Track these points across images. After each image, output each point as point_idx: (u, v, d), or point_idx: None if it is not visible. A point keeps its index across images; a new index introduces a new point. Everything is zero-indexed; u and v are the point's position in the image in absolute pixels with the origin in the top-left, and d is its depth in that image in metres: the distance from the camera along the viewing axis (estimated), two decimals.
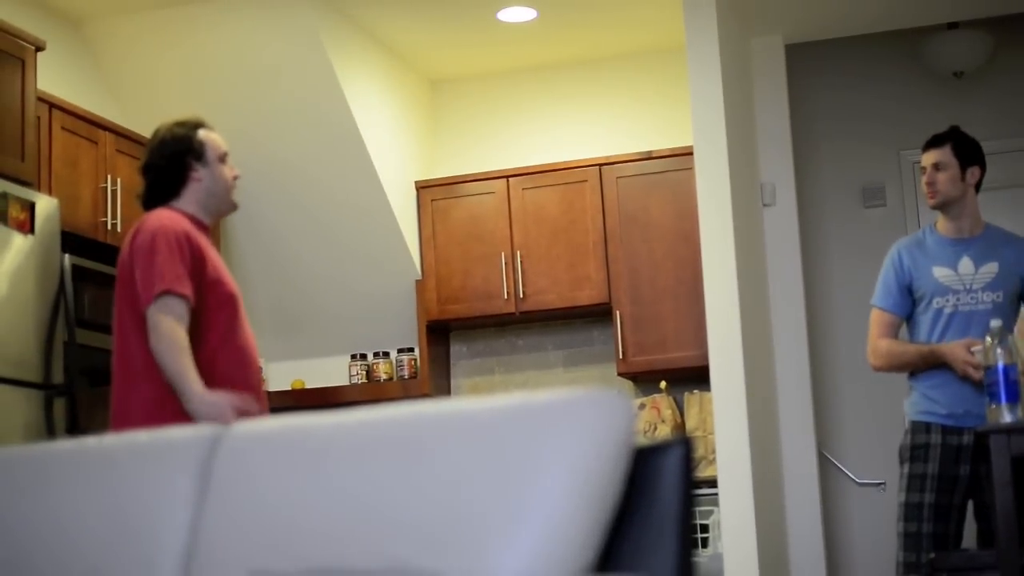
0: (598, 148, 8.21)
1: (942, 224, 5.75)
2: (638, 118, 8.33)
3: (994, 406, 4.59)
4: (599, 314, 8.02)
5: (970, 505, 5.60)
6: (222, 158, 4.99)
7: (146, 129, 7.23)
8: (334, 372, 8.31)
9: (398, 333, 8.22)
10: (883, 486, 8.00)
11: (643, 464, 2.30)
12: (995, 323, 4.79)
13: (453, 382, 8.38)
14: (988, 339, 4.69)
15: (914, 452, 5.55)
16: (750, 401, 6.89)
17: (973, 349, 5.33)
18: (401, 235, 7.94)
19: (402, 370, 8.18)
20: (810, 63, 8.60)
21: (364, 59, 7.83)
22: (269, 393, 8.17)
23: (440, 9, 7.59)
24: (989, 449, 5.30)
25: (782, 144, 7.96)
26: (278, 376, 8.33)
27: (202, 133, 4.96)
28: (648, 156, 7.90)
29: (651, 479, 2.29)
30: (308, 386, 8.29)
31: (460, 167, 8.42)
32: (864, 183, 8.58)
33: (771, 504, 7.26)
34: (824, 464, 8.06)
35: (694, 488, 2.32)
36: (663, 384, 7.80)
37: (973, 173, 5.72)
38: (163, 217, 4.76)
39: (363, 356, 8.22)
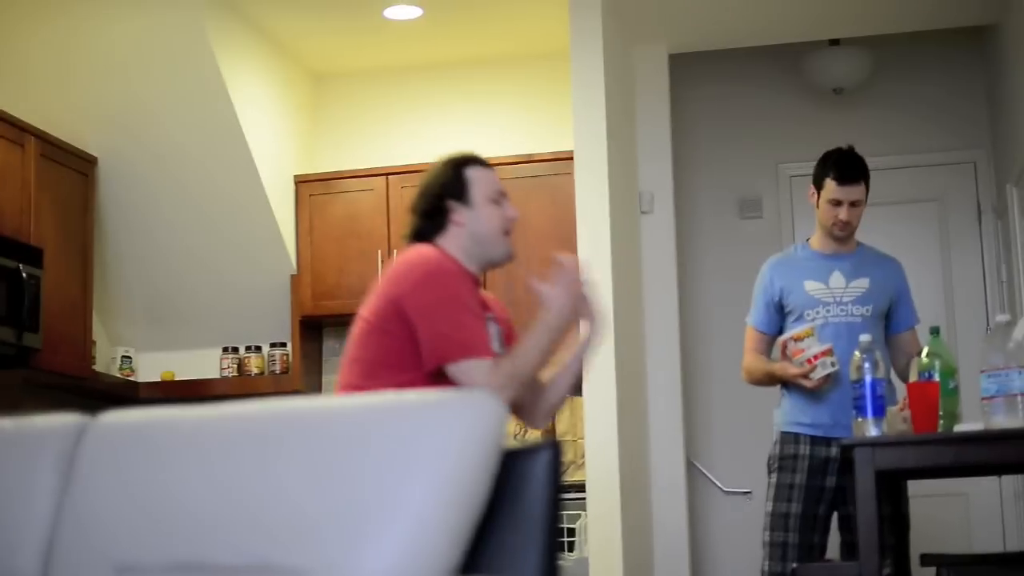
0: (479, 149, 8.16)
1: (817, 241, 5.82)
2: (520, 121, 8.34)
3: (860, 419, 4.64)
4: None
5: (835, 517, 5.67)
6: (495, 198, 4.42)
7: (23, 113, 7.17)
8: (205, 365, 8.23)
9: (271, 328, 8.17)
10: (749, 495, 8.08)
11: (512, 467, 2.30)
12: (864, 338, 4.85)
13: (325, 379, 8.33)
14: (857, 353, 4.75)
15: (782, 462, 5.62)
16: (620, 407, 6.92)
17: (788, 338, 5.45)
18: (277, 229, 7.89)
19: (274, 365, 8.12)
20: (693, 74, 8.66)
21: (248, 50, 7.76)
22: (138, 384, 8.10)
23: (326, 4, 7.56)
24: (852, 461, 5.41)
25: (662, 153, 8.01)
26: (148, 367, 8.24)
27: (470, 171, 4.43)
28: (528, 159, 7.91)
29: (519, 482, 2.29)
30: (178, 378, 8.20)
31: (341, 163, 8.38)
32: (742, 195, 8.66)
33: (638, 510, 7.30)
34: (692, 472, 8.12)
35: (562, 492, 2.33)
36: None
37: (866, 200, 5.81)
38: (435, 256, 4.26)
39: (235, 349, 8.15)
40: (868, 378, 4.65)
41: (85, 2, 7.28)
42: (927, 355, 4.70)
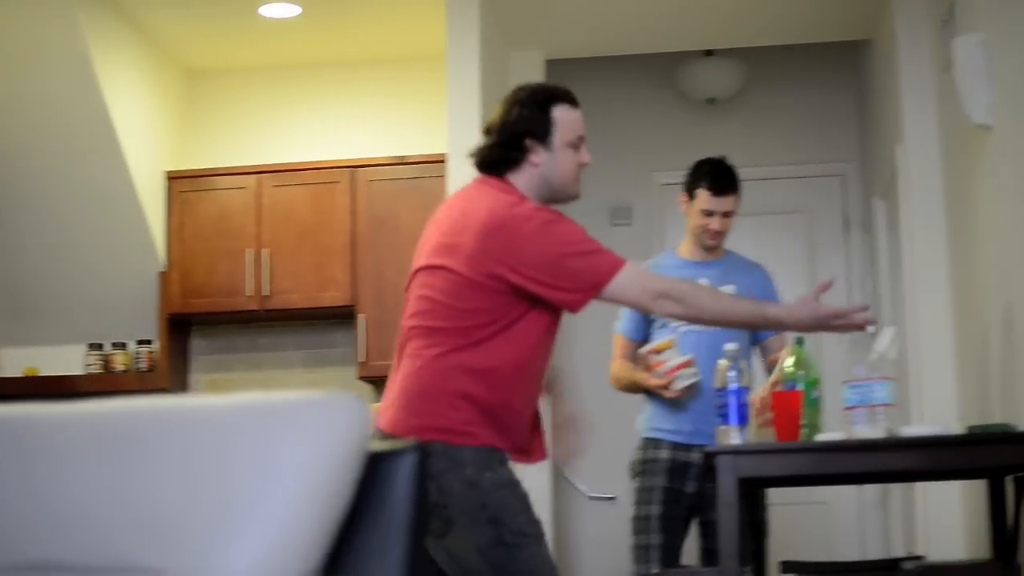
0: (352, 150, 8.19)
1: (686, 248, 5.87)
2: (394, 122, 8.33)
3: (723, 427, 4.69)
4: (343, 316, 7.98)
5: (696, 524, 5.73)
6: (574, 143, 4.34)
7: None
8: (70, 361, 8.12)
9: (138, 325, 8.08)
10: (614, 500, 8.12)
11: (376, 468, 2.29)
12: (730, 346, 4.90)
13: (192, 377, 8.27)
14: (722, 362, 4.79)
15: (644, 466, 5.68)
16: None
17: (648, 350, 5.50)
18: (147, 225, 7.81)
19: (140, 362, 8.03)
20: (569, 80, 8.60)
21: (121, 44, 7.67)
22: (0, 379, 7.98)
23: (202, 1, 7.49)
24: (715, 469, 5.46)
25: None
26: (10, 363, 8.11)
27: (556, 112, 4.31)
28: (401, 161, 7.90)
29: (383, 484, 2.28)
30: (42, 374, 8.09)
31: (213, 160, 8.31)
32: (613, 202, 8.71)
33: None
34: (556, 477, 8.14)
35: (426, 495, 2.32)
36: None
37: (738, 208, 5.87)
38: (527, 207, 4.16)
39: (100, 346, 8.05)
40: (732, 386, 4.69)
41: None
42: (791, 365, 4.75)
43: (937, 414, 6.52)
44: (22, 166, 7.61)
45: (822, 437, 4.55)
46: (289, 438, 2.17)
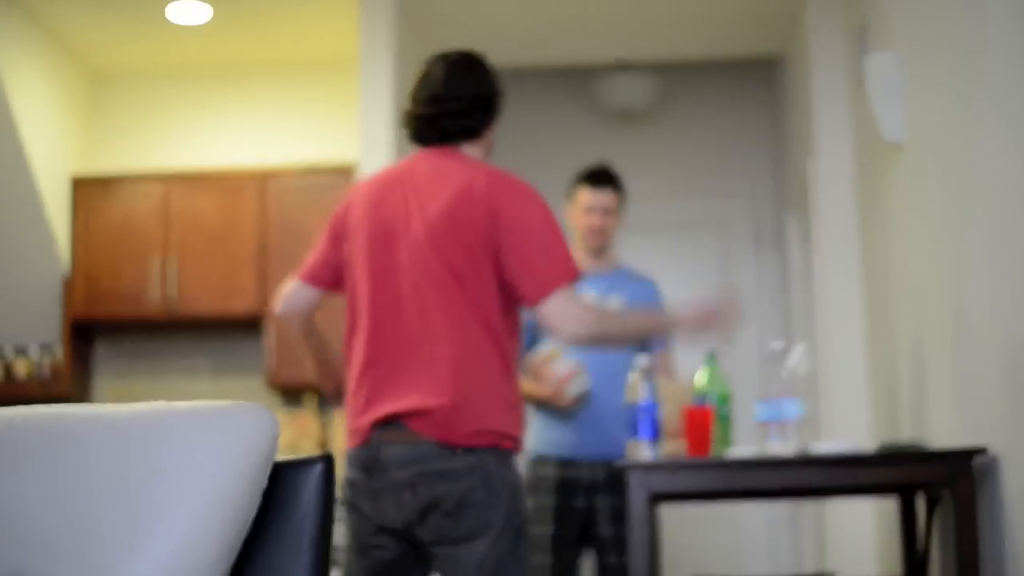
0: (261, 156, 8.12)
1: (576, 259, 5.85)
2: (304, 129, 8.26)
3: (634, 442, 4.66)
4: (251, 325, 7.91)
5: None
6: None
7: None
8: None
9: (41, 331, 7.96)
10: None
11: (283, 480, 2.25)
12: (642, 360, 4.87)
13: (95, 385, 8.15)
14: (633, 374, 4.77)
15: (532, 484, 5.65)
16: None
17: (535, 361, 5.50)
18: (51, 230, 7.70)
19: (43, 370, 7.91)
20: None
21: (24, 45, 7.56)
22: None
23: (108, 0, 7.40)
24: (613, 482, 5.45)
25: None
26: None
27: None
28: (311, 170, 7.83)
29: (290, 495, 2.25)
30: None
31: (120, 165, 8.21)
32: None
33: None
34: None
35: (334, 506, 2.28)
36: (311, 399, 7.74)
37: (625, 212, 5.86)
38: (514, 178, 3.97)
39: (0, 351, 7.92)
40: (645, 401, 4.67)
41: None
42: (703, 380, 4.74)
43: (848, 431, 6.56)
44: None
45: (733, 452, 4.53)
46: (195, 448, 2.13)
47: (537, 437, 5.70)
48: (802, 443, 4.43)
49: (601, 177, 5.83)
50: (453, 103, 4.06)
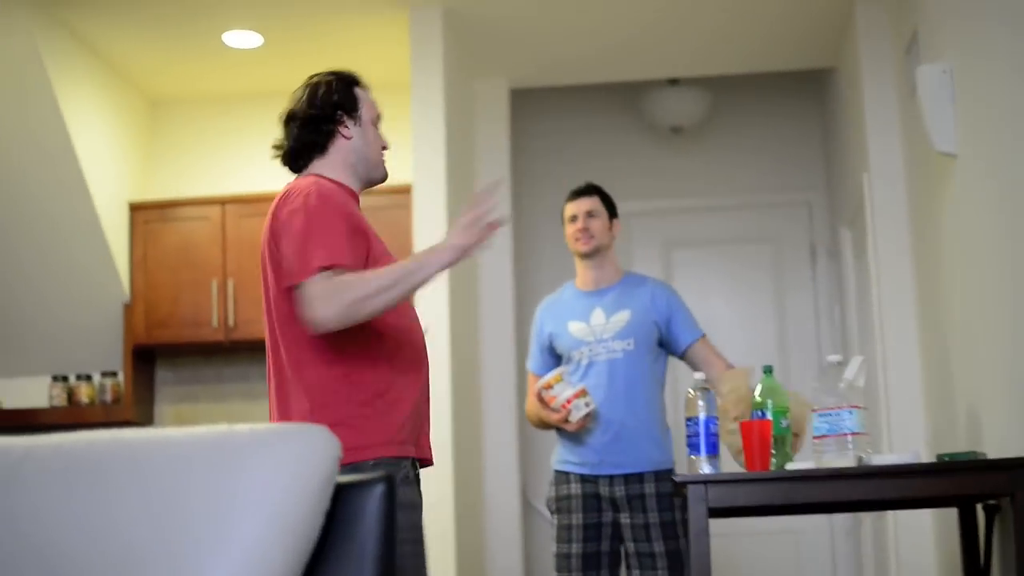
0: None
1: (581, 278, 5.88)
2: None
3: (693, 457, 4.67)
4: None
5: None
6: (375, 122, 4.33)
7: None
8: (33, 393, 8.06)
9: (103, 356, 8.03)
10: None
11: (345, 501, 2.27)
12: (698, 376, 4.88)
13: (157, 409, 8.21)
14: (691, 391, 4.77)
15: (559, 503, 5.67)
16: (455, 443, 6.91)
17: (540, 387, 5.53)
18: (110, 256, 7.75)
19: (105, 394, 7.97)
20: (534, 108, 8.70)
21: (83, 73, 7.63)
22: None
23: (163, 28, 7.46)
24: (632, 499, 5.46)
25: (502, 187, 8.02)
26: None
27: (358, 90, 4.31)
28: (365, 192, 7.85)
29: (352, 515, 2.26)
30: (6, 407, 8.02)
31: (177, 190, 8.27)
32: None
33: (472, 547, 7.28)
34: (527, 509, 8.12)
35: (396, 526, 2.30)
36: None
37: (616, 225, 5.90)
38: (312, 183, 4.03)
39: (65, 378, 7.99)
40: (702, 416, 4.68)
41: None
42: (760, 393, 4.74)
43: (906, 442, 6.53)
44: None
45: (792, 466, 4.53)
46: (257, 470, 2.15)
47: (559, 453, 5.73)
48: (860, 455, 4.43)
49: (579, 189, 5.92)
50: (286, 127, 4.28)
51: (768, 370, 4.81)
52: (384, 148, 4.35)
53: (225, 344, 7.89)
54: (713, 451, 4.64)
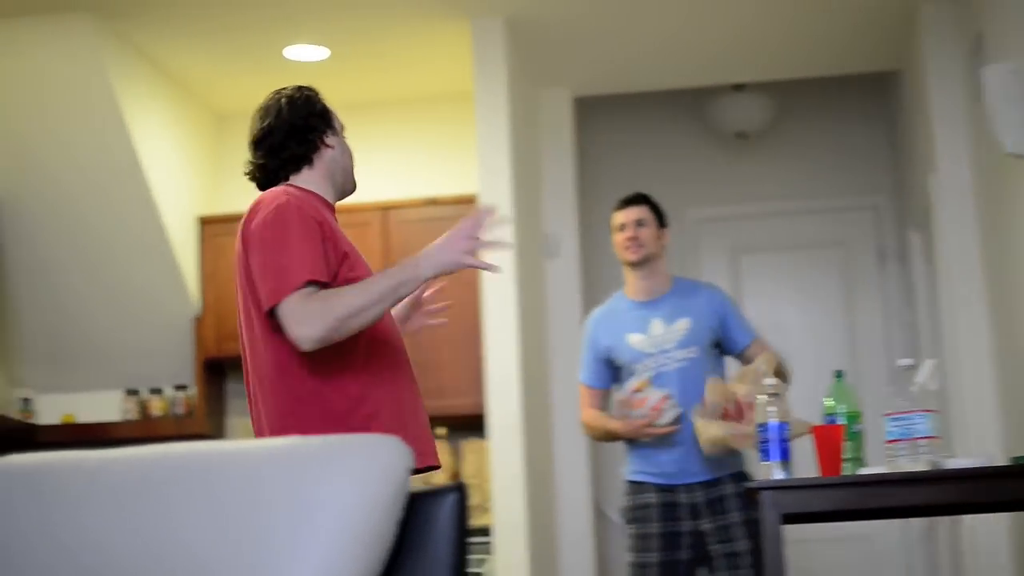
0: (383, 191, 8.18)
1: (632, 287, 5.86)
2: (424, 163, 8.32)
3: (765, 463, 4.65)
4: None
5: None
6: (343, 130, 4.34)
7: None
8: (106, 407, 8.11)
9: (174, 370, 8.07)
10: None
11: (418, 510, 2.27)
12: (770, 381, 4.86)
13: (228, 421, 8.25)
14: (760, 397, 4.76)
15: (635, 512, 5.66)
16: (527, 451, 6.91)
17: (628, 393, 5.51)
18: (179, 270, 7.80)
19: (177, 408, 8.03)
20: (598, 117, 8.69)
21: (149, 89, 7.68)
22: (37, 427, 7.97)
23: (228, 43, 7.51)
24: (711, 503, 5.45)
25: (567, 196, 8.04)
26: (48, 410, 8.10)
27: (324, 102, 4.30)
28: (432, 202, 7.89)
29: (425, 525, 2.27)
30: (79, 421, 8.08)
31: (245, 203, 8.25)
32: None
33: (545, 554, 7.27)
34: (599, 514, 8.11)
35: (468, 535, 2.30)
36: (441, 431, 7.77)
37: (665, 234, 5.89)
38: (282, 193, 3.99)
39: (137, 392, 8.05)
40: (772, 422, 4.66)
41: None
42: (832, 398, 4.72)
43: (980, 445, 6.48)
44: (55, 214, 7.61)
45: (865, 471, 4.50)
46: (330, 480, 2.16)
47: (633, 463, 5.72)
48: (934, 459, 4.40)
49: (627, 198, 5.94)
50: (255, 151, 4.29)
51: (839, 375, 4.79)
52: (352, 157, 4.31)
53: None
54: (785, 457, 4.62)
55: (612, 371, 5.80)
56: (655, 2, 7.15)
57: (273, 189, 4.09)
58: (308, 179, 4.17)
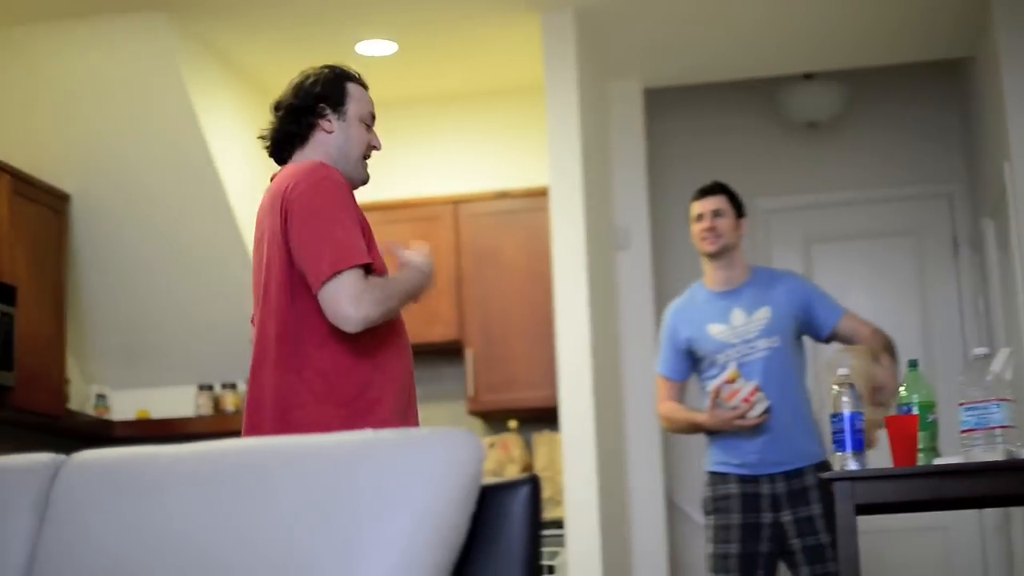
0: (454, 185, 8.20)
1: (711, 277, 5.85)
2: (495, 156, 8.33)
3: (839, 454, 4.63)
4: (450, 352, 7.97)
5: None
6: (367, 120, 4.29)
7: None
8: (180, 402, 8.17)
9: (247, 364, 8.09)
10: None
11: (491, 503, 2.28)
12: (842, 372, 4.83)
13: None
14: (835, 388, 4.73)
15: (716, 503, 5.64)
16: (599, 443, 6.91)
17: (721, 383, 5.49)
18: (251, 265, 7.82)
19: None
20: (668, 108, 8.67)
21: (221, 86, 7.73)
22: (113, 423, 8.03)
23: (298, 38, 7.54)
24: (793, 495, 5.42)
25: (637, 187, 8.02)
26: (123, 405, 8.17)
27: (351, 85, 4.30)
28: (503, 195, 7.90)
29: (498, 518, 2.27)
30: (153, 416, 8.14)
31: None
32: None
33: (618, 546, 7.27)
34: (671, 507, 8.09)
35: (541, 528, 2.30)
36: (513, 423, 7.79)
37: (743, 224, 5.87)
38: (320, 166, 4.04)
39: (210, 387, 8.10)
40: (847, 412, 4.63)
41: (57, 38, 7.24)
42: (906, 388, 4.69)
43: None
44: (128, 211, 7.67)
45: (940, 461, 4.47)
46: (404, 475, 2.17)
47: (715, 454, 5.70)
48: (1009, 449, 4.36)
49: (704, 188, 5.91)
50: (278, 110, 4.29)
51: (913, 364, 4.76)
52: (374, 148, 4.33)
53: None
54: (859, 447, 4.59)
55: (691, 363, 5.80)
56: None
57: (308, 163, 4.09)
58: (314, 154, 4.19)
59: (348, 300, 3.78)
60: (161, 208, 7.69)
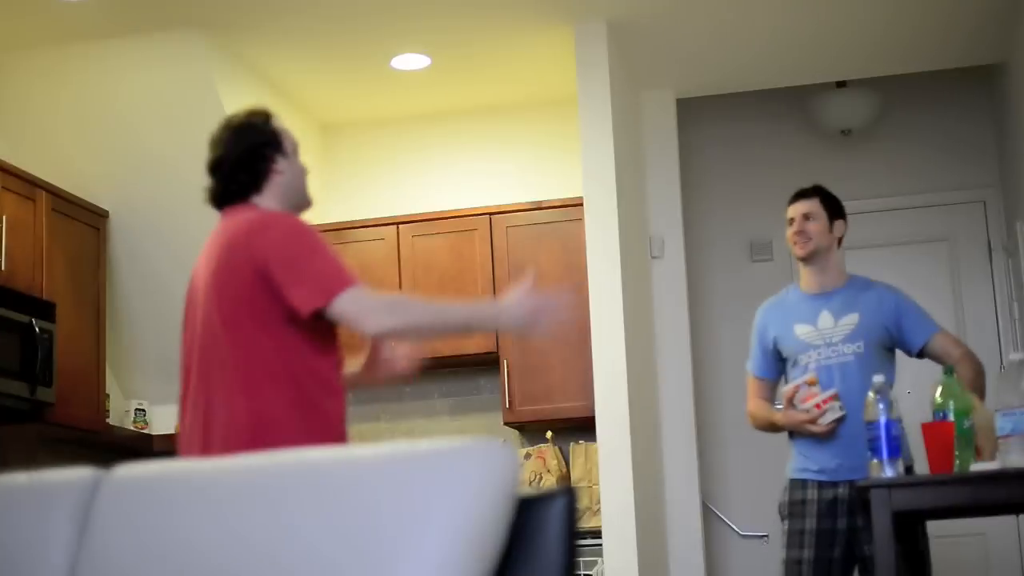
0: (488, 197, 8.22)
1: (805, 280, 5.80)
2: (528, 168, 8.36)
3: (875, 461, 4.63)
4: (486, 363, 7.99)
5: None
6: (296, 150, 4.45)
7: (35, 167, 7.20)
8: None
9: None
10: (766, 538, 8.05)
11: (527, 514, 2.29)
12: (877, 378, 4.83)
13: None
14: (871, 394, 4.73)
15: (792, 508, 5.60)
16: (635, 452, 6.92)
17: (799, 384, 5.46)
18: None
19: None
20: (701, 117, 8.68)
21: (255, 101, 7.73)
22: (152, 437, 8.08)
23: (333, 54, 7.58)
24: (865, 502, 5.40)
25: (671, 197, 8.03)
26: (163, 420, 8.20)
27: (275, 123, 4.45)
28: (538, 206, 7.92)
29: (535, 529, 2.28)
30: None
31: (351, 213, 8.38)
32: (752, 237, 8.66)
33: (655, 555, 7.27)
34: (708, 516, 8.09)
35: (578, 538, 2.31)
36: (549, 434, 7.80)
37: (838, 226, 5.79)
38: (276, 214, 4.25)
39: None
40: (882, 419, 4.63)
41: (95, 58, 7.30)
42: (941, 395, 4.69)
43: None
44: (166, 227, 7.72)
45: (976, 467, 4.47)
46: (441, 486, 2.18)
47: (795, 461, 5.66)
48: None
49: (799, 191, 5.85)
50: (213, 175, 4.45)
51: (948, 371, 4.76)
52: (306, 173, 4.47)
53: None
54: (895, 454, 4.59)
55: (780, 362, 5.76)
56: (757, 1, 7.14)
57: (261, 210, 4.29)
58: (268, 203, 4.34)
59: (365, 313, 4.00)
60: (198, 224, 7.69)
